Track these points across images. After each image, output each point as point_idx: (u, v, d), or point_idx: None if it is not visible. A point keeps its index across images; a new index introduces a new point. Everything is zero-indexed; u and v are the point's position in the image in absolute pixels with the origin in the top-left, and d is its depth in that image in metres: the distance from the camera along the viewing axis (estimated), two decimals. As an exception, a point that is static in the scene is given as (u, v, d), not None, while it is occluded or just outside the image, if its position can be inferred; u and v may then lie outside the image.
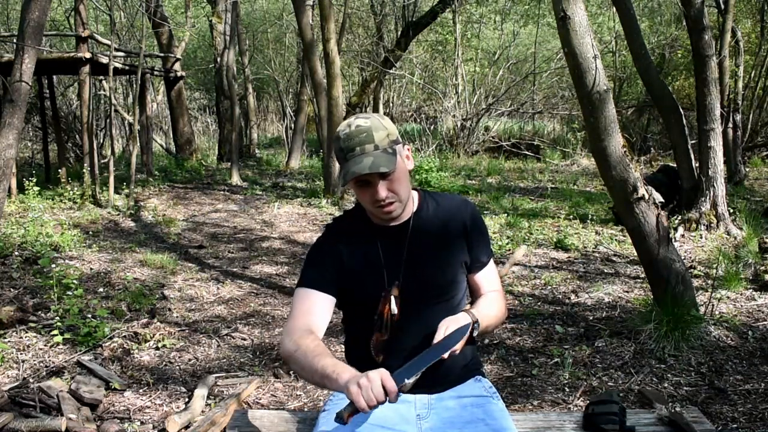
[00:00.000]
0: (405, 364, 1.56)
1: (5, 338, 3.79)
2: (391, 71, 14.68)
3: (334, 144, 1.68)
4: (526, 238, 6.65)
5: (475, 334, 1.69)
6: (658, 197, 6.58)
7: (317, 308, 1.72)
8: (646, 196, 3.88)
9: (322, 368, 1.53)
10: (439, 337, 1.63)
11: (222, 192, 10.06)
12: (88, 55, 8.71)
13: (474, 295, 1.86)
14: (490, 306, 1.79)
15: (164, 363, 3.70)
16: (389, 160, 1.63)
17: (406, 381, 1.50)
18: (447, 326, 1.64)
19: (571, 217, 7.56)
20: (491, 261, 1.88)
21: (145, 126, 11.11)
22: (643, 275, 4.80)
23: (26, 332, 3.89)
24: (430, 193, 1.87)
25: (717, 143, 6.58)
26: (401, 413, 1.71)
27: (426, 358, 1.56)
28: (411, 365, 1.54)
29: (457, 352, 1.63)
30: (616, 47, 14.87)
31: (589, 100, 3.71)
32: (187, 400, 3.22)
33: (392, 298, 1.71)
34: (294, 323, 1.70)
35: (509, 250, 6.21)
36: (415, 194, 1.82)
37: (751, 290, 4.77)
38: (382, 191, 1.65)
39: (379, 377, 1.42)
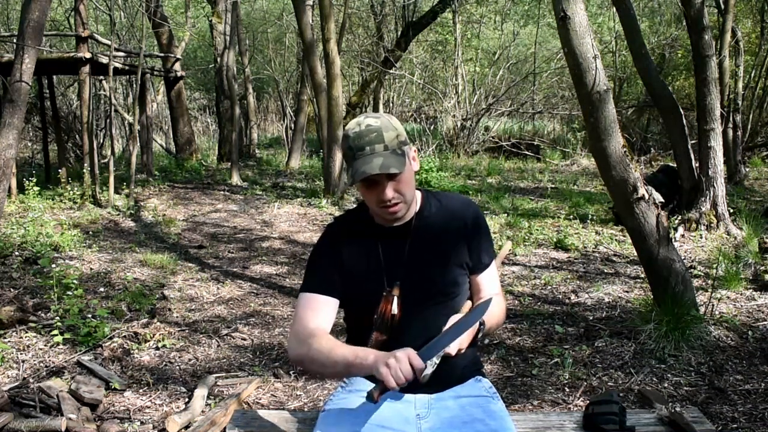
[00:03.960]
0: (427, 343, 1.58)
1: (5, 338, 3.79)
2: (391, 71, 14.69)
3: (343, 142, 1.69)
4: (526, 238, 6.65)
5: (479, 336, 1.70)
6: (658, 197, 6.59)
7: (320, 312, 1.73)
8: (646, 196, 3.88)
9: (344, 357, 1.57)
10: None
11: (222, 192, 10.06)
12: (88, 55, 8.71)
13: (475, 296, 1.86)
14: (492, 310, 1.78)
15: (164, 363, 3.70)
16: (399, 161, 1.64)
17: (433, 359, 1.54)
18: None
19: (571, 217, 7.56)
20: (493, 263, 1.87)
21: (145, 126, 11.11)
22: (643, 275, 4.80)
23: (26, 332, 3.89)
24: (433, 192, 1.87)
25: (717, 143, 6.58)
26: (401, 413, 1.71)
27: (447, 337, 1.58)
28: (434, 343, 1.56)
29: (464, 350, 1.62)
30: (616, 47, 14.87)
31: (589, 100, 3.71)
32: (187, 400, 3.22)
33: (394, 298, 1.71)
34: (299, 327, 1.71)
35: (509, 250, 6.20)
36: (418, 194, 1.82)
37: (751, 290, 4.77)
38: (389, 192, 1.66)
39: (407, 356, 1.46)
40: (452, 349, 1.59)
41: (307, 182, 10.96)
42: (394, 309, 1.71)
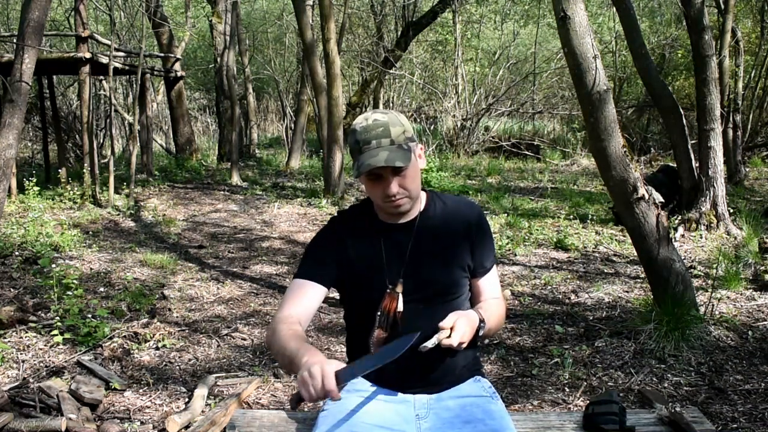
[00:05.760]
0: (355, 361, 1.54)
1: (5, 338, 3.79)
2: (391, 71, 14.68)
3: (350, 136, 1.70)
4: (526, 238, 6.65)
5: (481, 333, 1.69)
6: (658, 197, 6.59)
7: (303, 298, 1.74)
8: (646, 196, 3.88)
9: (290, 352, 1.56)
10: (446, 324, 1.59)
11: (222, 192, 10.06)
12: (88, 55, 8.70)
13: (475, 299, 1.86)
14: (492, 311, 1.79)
15: (164, 363, 3.70)
16: (404, 155, 1.64)
17: (433, 339, 1.51)
18: (457, 319, 1.61)
19: (571, 217, 7.56)
20: (494, 267, 1.87)
21: (145, 126, 11.10)
22: (643, 275, 4.80)
23: (26, 332, 3.89)
24: (438, 193, 1.88)
25: (717, 143, 6.58)
26: (400, 413, 1.71)
27: (370, 362, 1.52)
28: (356, 366, 1.50)
29: (464, 346, 1.60)
30: (616, 47, 14.86)
31: (589, 100, 3.71)
32: (187, 400, 3.22)
33: (399, 295, 1.72)
34: (280, 313, 1.73)
35: (509, 250, 6.21)
36: (423, 194, 1.82)
37: (751, 290, 4.77)
38: (394, 187, 1.67)
39: (320, 374, 1.40)
40: (454, 340, 1.56)
41: (307, 182, 10.96)
42: (400, 306, 1.71)
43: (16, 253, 5.65)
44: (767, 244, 5.75)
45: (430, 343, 1.52)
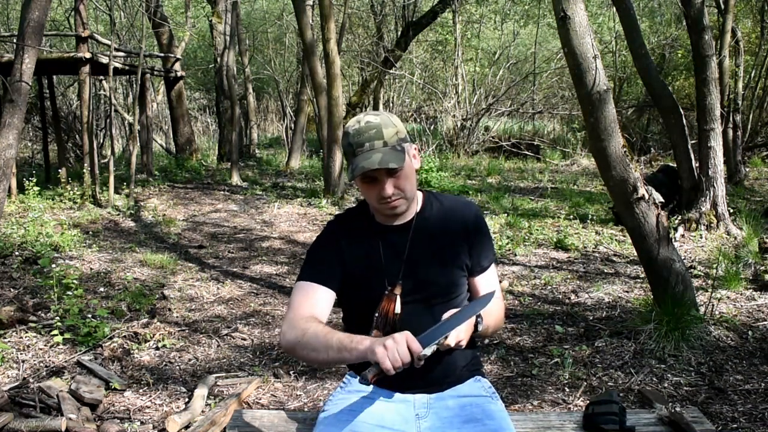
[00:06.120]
0: (426, 330, 1.55)
1: (5, 338, 3.79)
2: (391, 71, 14.68)
3: (343, 139, 1.69)
4: (526, 238, 6.65)
5: (479, 329, 1.68)
6: (658, 197, 6.59)
7: (317, 301, 1.71)
8: (646, 196, 3.88)
9: (338, 341, 1.54)
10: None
11: (222, 192, 10.06)
12: (88, 55, 8.70)
13: (473, 299, 1.85)
14: (491, 309, 1.76)
15: (164, 363, 3.70)
16: (398, 156, 1.64)
17: (432, 345, 1.51)
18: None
19: (571, 217, 7.56)
20: (493, 266, 1.86)
21: (145, 126, 11.11)
22: (643, 275, 4.80)
23: (26, 332, 3.89)
24: (435, 194, 1.87)
25: (717, 143, 6.58)
26: (400, 413, 1.71)
27: (447, 324, 1.56)
28: (434, 330, 1.54)
29: (463, 343, 1.59)
30: (616, 47, 14.86)
31: (589, 100, 3.71)
32: (187, 400, 3.22)
33: (397, 297, 1.71)
34: (295, 314, 1.69)
35: (509, 250, 6.21)
36: (419, 194, 1.82)
37: (751, 290, 4.77)
38: (389, 188, 1.66)
39: (405, 339, 1.44)
40: (450, 340, 1.55)
41: (307, 182, 10.96)
42: (398, 308, 1.70)
43: (16, 253, 5.66)
44: (767, 244, 5.75)
45: (428, 351, 1.51)
